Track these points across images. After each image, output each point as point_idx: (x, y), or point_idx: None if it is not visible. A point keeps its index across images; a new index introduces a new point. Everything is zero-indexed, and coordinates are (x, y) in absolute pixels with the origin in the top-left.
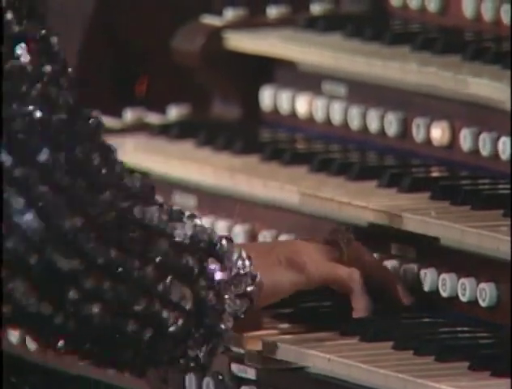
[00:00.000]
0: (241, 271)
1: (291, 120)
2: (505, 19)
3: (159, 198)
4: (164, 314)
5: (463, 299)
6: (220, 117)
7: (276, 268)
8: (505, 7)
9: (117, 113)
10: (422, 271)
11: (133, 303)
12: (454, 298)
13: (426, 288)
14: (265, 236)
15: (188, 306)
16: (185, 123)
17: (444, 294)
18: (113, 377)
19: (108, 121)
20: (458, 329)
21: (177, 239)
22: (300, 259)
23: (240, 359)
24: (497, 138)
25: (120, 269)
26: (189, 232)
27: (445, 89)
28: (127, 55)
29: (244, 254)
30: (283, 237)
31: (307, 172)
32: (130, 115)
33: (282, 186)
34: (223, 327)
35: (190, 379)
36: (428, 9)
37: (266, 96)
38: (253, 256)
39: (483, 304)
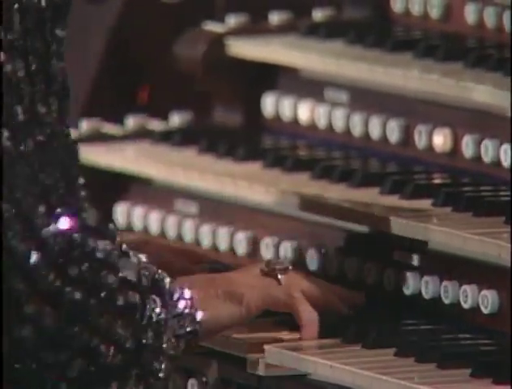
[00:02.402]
0: (182, 312)
1: (293, 127)
2: (507, 26)
3: (112, 228)
4: (102, 347)
5: (465, 306)
6: (222, 124)
7: (216, 301)
8: (508, 14)
9: (119, 120)
10: (424, 278)
11: (70, 334)
12: (455, 305)
13: (428, 295)
14: (267, 243)
15: (128, 344)
16: (187, 130)
17: (446, 301)
18: None
19: (110, 127)
20: (460, 336)
21: (124, 275)
22: (238, 291)
23: (242, 366)
24: (499, 145)
25: (60, 298)
26: (137, 269)
27: (448, 96)
28: (129, 62)
29: (186, 294)
30: (285, 244)
31: (309, 179)
32: (132, 122)
33: (284, 193)
34: (158, 366)
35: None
36: (431, 15)
37: (268, 103)
38: (193, 289)
39: (485, 311)
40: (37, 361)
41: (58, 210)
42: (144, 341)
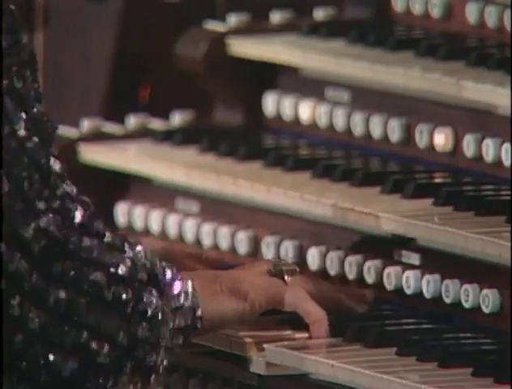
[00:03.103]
0: (182, 305)
1: (294, 126)
2: (508, 26)
3: (101, 225)
4: (93, 345)
5: (466, 305)
6: (223, 123)
7: (220, 297)
8: (508, 13)
9: (120, 119)
10: (425, 278)
11: (59, 334)
12: (457, 304)
13: (429, 294)
14: (268, 242)
15: (120, 339)
16: (189, 129)
17: (447, 300)
18: None
19: (112, 127)
20: (461, 335)
21: (113, 271)
22: (243, 288)
23: (243, 365)
24: (500, 144)
25: (45, 298)
26: (129, 263)
27: (449, 95)
28: (130, 61)
29: (188, 287)
30: (286, 243)
31: (310, 178)
32: (133, 121)
33: (285, 192)
34: (155, 359)
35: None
36: (432, 15)
37: (270, 102)
38: (197, 283)
39: (486, 310)
40: (28, 362)
41: (37, 206)
42: (139, 335)
